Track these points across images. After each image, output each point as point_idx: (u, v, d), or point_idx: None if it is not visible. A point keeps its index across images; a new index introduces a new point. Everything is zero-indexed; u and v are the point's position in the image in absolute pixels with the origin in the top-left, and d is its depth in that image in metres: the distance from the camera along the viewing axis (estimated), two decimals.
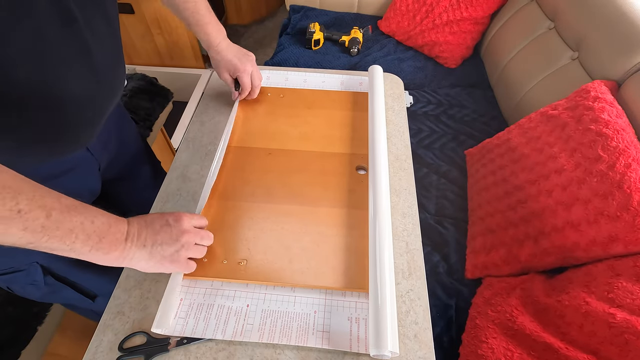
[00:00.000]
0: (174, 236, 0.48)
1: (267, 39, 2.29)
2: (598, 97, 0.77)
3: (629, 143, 0.67)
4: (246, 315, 0.51)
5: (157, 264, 0.47)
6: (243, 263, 0.54)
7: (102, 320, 0.51)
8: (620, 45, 0.88)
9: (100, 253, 0.41)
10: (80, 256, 0.40)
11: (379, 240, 0.54)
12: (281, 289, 0.54)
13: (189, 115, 1.72)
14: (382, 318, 0.47)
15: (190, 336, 0.49)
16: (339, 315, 0.51)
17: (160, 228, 0.47)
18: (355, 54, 1.46)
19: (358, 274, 0.54)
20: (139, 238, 0.45)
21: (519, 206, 0.81)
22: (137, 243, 0.45)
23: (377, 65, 0.82)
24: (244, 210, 0.60)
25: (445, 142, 1.17)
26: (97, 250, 0.41)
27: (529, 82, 1.13)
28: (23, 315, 0.87)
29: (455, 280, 0.86)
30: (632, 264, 0.59)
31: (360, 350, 0.48)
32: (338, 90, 0.82)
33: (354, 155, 0.69)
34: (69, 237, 0.38)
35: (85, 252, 0.40)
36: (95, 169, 0.65)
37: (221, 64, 0.73)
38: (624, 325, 0.53)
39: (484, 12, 1.35)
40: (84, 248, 0.40)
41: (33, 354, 0.86)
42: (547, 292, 0.67)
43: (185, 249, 0.49)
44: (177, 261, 0.48)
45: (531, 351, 0.60)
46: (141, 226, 0.46)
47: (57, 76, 0.44)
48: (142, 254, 0.45)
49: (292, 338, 0.49)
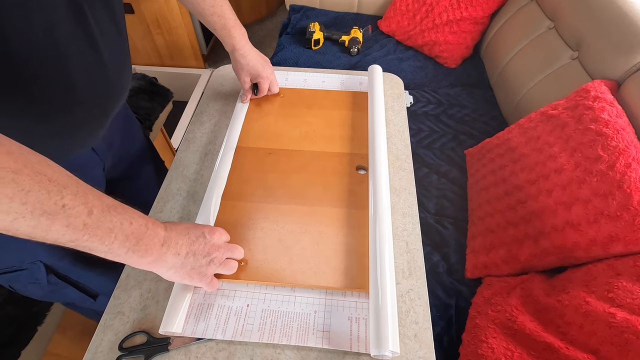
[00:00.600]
0: (206, 249, 0.48)
1: (267, 39, 2.29)
2: (598, 96, 0.77)
3: (629, 143, 0.67)
4: (246, 315, 0.51)
5: (185, 274, 0.46)
6: (243, 263, 0.54)
7: (102, 320, 0.51)
8: (620, 45, 0.88)
9: (136, 256, 0.40)
10: (117, 258, 0.40)
11: (379, 240, 0.54)
12: (281, 289, 0.54)
13: (189, 115, 1.72)
14: (382, 318, 0.47)
15: (191, 336, 0.49)
16: (339, 315, 0.51)
17: (195, 239, 0.47)
18: (355, 53, 1.46)
19: (358, 274, 0.54)
20: (175, 245, 0.44)
21: (518, 206, 0.81)
22: (172, 250, 0.44)
23: (377, 65, 0.82)
24: (244, 210, 0.61)
25: (445, 142, 1.17)
26: (133, 252, 0.40)
27: (529, 82, 1.13)
28: (23, 315, 0.87)
29: (455, 280, 0.86)
30: (632, 264, 0.59)
31: (360, 350, 0.48)
32: (338, 90, 0.82)
33: (354, 155, 0.69)
34: (109, 237, 0.37)
35: (122, 254, 0.39)
36: (100, 169, 0.65)
37: (245, 67, 0.73)
38: (624, 325, 0.53)
39: (484, 12, 1.35)
40: (121, 249, 0.39)
41: (33, 354, 0.86)
42: (547, 292, 0.67)
43: (215, 264, 0.49)
44: (205, 275, 0.48)
45: (531, 351, 0.60)
46: (178, 233, 0.46)
47: (68, 71, 0.45)
48: (175, 261, 0.45)
49: (292, 338, 0.49)
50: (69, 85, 0.46)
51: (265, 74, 0.74)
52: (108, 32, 0.49)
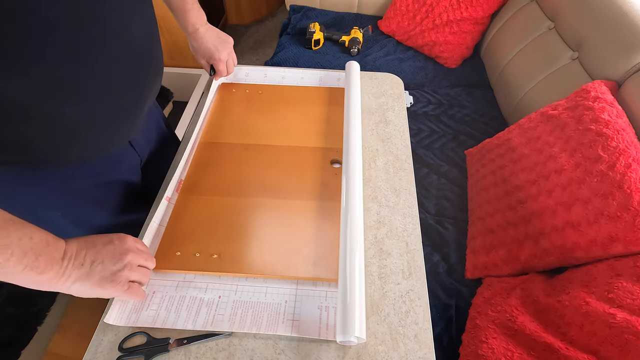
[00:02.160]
0: (117, 254, 0.45)
1: (267, 39, 2.28)
2: (598, 97, 0.77)
3: (629, 143, 0.67)
4: (217, 306, 0.52)
5: (94, 285, 0.43)
6: (215, 256, 0.55)
7: (102, 320, 0.51)
8: (621, 45, 0.88)
9: (33, 273, 0.38)
10: (11, 277, 0.37)
11: (350, 230, 0.55)
12: (253, 280, 0.55)
13: (189, 115, 1.72)
14: (350, 305, 0.47)
15: (161, 327, 0.50)
16: (309, 304, 0.53)
17: (102, 247, 0.45)
18: (355, 54, 1.46)
19: (329, 264, 0.55)
20: (77, 257, 0.42)
21: (519, 206, 0.81)
22: (74, 262, 0.41)
23: (354, 61, 0.84)
24: (218, 205, 0.62)
25: (445, 142, 1.17)
26: (31, 269, 0.37)
27: (529, 82, 1.13)
28: (23, 315, 0.87)
29: (455, 280, 0.86)
30: (632, 264, 0.59)
31: (329, 337, 0.49)
32: (316, 86, 0.84)
33: (328, 150, 0.70)
34: (4, 253, 0.35)
35: (17, 272, 0.37)
36: (137, 165, 0.66)
37: (199, 51, 0.75)
38: (624, 326, 0.53)
39: (484, 12, 1.35)
40: (18, 267, 0.36)
41: (33, 354, 0.86)
42: (547, 292, 0.67)
43: (128, 269, 0.46)
44: (117, 282, 0.44)
45: (531, 351, 0.60)
46: (81, 245, 0.43)
47: (91, 54, 0.43)
48: (80, 273, 0.42)
49: (262, 327, 0.50)
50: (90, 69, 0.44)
51: (218, 56, 0.75)
52: (132, 10, 0.48)
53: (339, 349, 0.49)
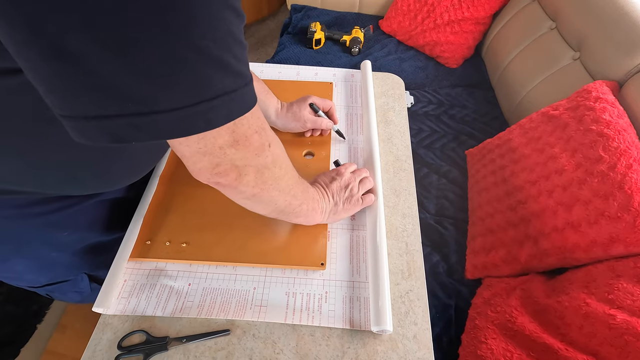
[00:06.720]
0: (342, 184, 0.58)
1: (268, 39, 2.28)
2: (599, 97, 0.77)
3: (630, 144, 0.67)
4: (187, 294, 0.53)
5: (341, 212, 0.57)
6: (185, 244, 0.56)
7: (101, 318, 0.51)
8: (622, 46, 0.87)
9: (313, 213, 0.53)
10: (308, 215, 0.53)
11: (379, 230, 0.58)
12: (223, 268, 0.56)
13: None
14: (382, 298, 0.51)
15: (132, 314, 0.51)
16: (277, 290, 0.54)
17: (330, 181, 0.58)
18: (356, 53, 1.46)
19: (298, 251, 0.56)
20: (325, 194, 0.56)
21: (519, 206, 0.80)
22: (325, 199, 0.56)
23: (368, 61, 0.87)
24: (189, 195, 0.62)
25: (445, 142, 1.17)
26: (313, 210, 0.53)
27: (530, 82, 1.13)
28: (23, 314, 0.87)
29: (455, 280, 0.86)
30: (633, 265, 0.59)
31: (294, 322, 0.51)
32: (312, 80, 0.86)
33: (304, 140, 0.72)
34: (310, 202, 0.52)
35: (303, 212, 0.52)
36: None
37: (298, 125, 0.70)
38: (624, 327, 0.53)
39: (485, 12, 1.35)
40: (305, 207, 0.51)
41: (32, 352, 0.87)
42: (547, 293, 0.66)
43: (355, 191, 0.58)
44: (354, 201, 0.58)
45: (531, 352, 0.60)
46: (319, 185, 0.57)
47: None
48: (330, 205, 0.56)
49: (229, 313, 0.52)
50: None
51: (313, 124, 0.70)
52: None
53: (337, 348, 0.49)
